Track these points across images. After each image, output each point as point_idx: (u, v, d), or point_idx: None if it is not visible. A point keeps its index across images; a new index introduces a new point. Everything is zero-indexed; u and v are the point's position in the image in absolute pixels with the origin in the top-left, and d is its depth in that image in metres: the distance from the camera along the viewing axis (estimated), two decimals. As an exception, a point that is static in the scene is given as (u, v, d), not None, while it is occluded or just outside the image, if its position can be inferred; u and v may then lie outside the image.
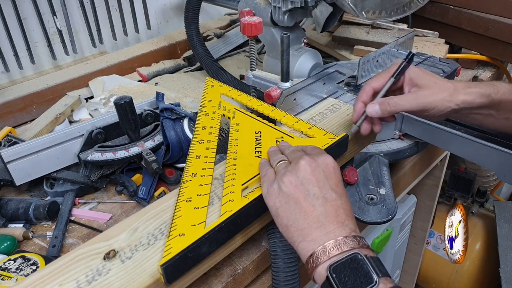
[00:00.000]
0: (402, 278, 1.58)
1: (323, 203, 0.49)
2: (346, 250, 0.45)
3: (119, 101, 0.73)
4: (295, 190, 0.50)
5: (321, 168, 0.52)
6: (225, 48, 1.34)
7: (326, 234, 0.47)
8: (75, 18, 1.19)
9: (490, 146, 0.68)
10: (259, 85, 0.92)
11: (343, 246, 0.45)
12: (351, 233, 0.47)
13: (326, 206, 0.49)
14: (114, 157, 0.75)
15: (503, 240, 1.51)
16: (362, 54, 1.15)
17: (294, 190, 0.50)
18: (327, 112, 0.75)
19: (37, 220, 0.71)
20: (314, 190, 0.50)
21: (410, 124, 0.79)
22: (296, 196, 0.50)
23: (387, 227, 1.16)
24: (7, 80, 1.12)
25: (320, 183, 0.50)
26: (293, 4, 0.94)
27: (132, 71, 1.21)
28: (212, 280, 0.58)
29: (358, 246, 0.45)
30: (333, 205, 0.49)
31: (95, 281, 0.45)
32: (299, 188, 0.50)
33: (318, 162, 0.52)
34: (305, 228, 0.48)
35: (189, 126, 0.80)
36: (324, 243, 0.46)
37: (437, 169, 1.24)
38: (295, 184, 0.50)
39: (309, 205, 0.49)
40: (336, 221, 0.48)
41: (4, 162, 0.71)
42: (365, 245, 0.46)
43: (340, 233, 0.47)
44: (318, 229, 0.47)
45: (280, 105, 0.78)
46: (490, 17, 1.18)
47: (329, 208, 0.49)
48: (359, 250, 0.45)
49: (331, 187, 0.51)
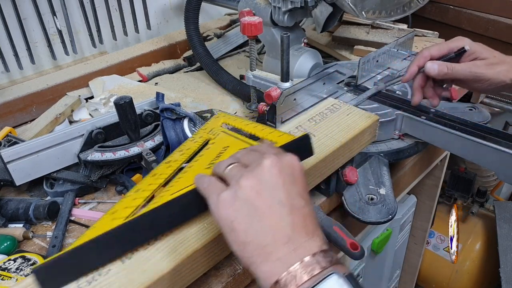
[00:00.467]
0: (402, 278, 1.58)
1: (290, 211, 0.40)
2: (319, 271, 0.37)
3: (119, 101, 0.73)
4: (258, 196, 0.41)
5: (289, 169, 0.43)
6: (225, 48, 1.34)
7: (294, 251, 0.39)
8: (75, 18, 1.19)
9: (490, 146, 0.68)
10: (259, 85, 0.93)
11: (316, 267, 0.38)
12: (322, 246, 0.40)
13: (293, 215, 0.40)
14: (114, 157, 0.75)
15: (503, 240, 1.52)
16: (362, 54, 1.15)
17: (256, 197, 0.41)
18: (327, 112, 0.75)
19: (37, 220, 0.71)
20: (281, 196, 0.41)
21: (410, 124, 0.79)
22: (258, 204, 0.40)
23: (387, 227, 1.16)
24: (7, 80, 1.12)
25: (288, 187, 0.42)
26: (293, 4, 0.94)
27: (132, 71, 1.21)
28: (212, 280, 0.58)
29: (331, 264, 0.38)
30: (301, 214, 0.41)
31: (95, 281, 0.45)
32: (263, 194, 0.41)
33: (284, 162, 0.43)
34: (269, 245, 0.39)
35: (189, 126, 0.80)
36: (293, 265, 0.38)
37: (437, 169, 1.23)
38: (257, 190, 0.41)
39: (275, 215, 0.40)
40: (305, 232, 0.40)
41: (4, 162, 0.71)
42: (338, 261, 0.40)
43: (310, 248, 0.39)
44: (286, 245, 0.39)
45: (280, 105, 0.78)
46: (490, 17, 1.19)
47: (297, 217, 0.41)
48: (335, 268, 0.38)
49: (299, 192, 0.42)
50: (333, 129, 0.69)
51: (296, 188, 0.42)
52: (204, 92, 1.12)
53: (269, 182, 0.41)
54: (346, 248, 0.62)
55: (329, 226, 0.65)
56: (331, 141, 0.66)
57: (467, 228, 1.76)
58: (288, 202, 0.41)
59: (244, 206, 0.41)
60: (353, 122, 0.71)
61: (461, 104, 0.94)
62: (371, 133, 0.73)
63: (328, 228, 0.65)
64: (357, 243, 0.62)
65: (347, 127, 0.70)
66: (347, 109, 0.75)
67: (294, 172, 0.43)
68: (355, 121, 0.71)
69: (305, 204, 0.42)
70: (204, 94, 1.10)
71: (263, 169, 0.42)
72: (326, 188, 0.72)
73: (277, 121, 0.79)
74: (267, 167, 0.42)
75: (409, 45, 1.03)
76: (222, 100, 1.08)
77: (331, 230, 0.64)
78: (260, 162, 0.42)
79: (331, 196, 0.73)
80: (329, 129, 0.69)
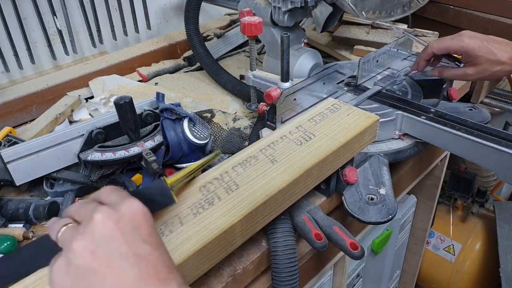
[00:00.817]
0: (402, 278, 1.58)
1: (136, 262, 0.37)
2: None
3: (119, 101, 0.73)
4: (93, 258, 0.36)
5: (127, 218, 0.39)
6: (225, 48, 1.34)
7: None
8: (75, 18, 1.19)
9: (490, 146, 0.68)
10: (259, 85, 0.93)
11: None
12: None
13: (140, 265, 0.37)
14: (114, 157, 0.75)
15: (503, 240, 1.52)
16: (362, 54, 1.15)
17: (92, 258, 0.36)
18: (327, 112, 0.74)
19: (37, 220, 0.71)
20: (121, 249, 0.37)
21: (410, 124, 0.79)
22: (95, 266, 0.36)
23: (387, 227, 1.16)
24: (7, 80, 1.12)
25: (128, 237, 0.38)
26: (293, 4, 0.94)
27: (132, 71, 1.21)
28: (212, 280, 0.58)
29: None
30: (150, 261, 0.38)
31: None
32: (98, 253, 0.37)
33: (121, 211, 0.39)
34: None
35: (189, 126, 0.80)
36: None
37: (437, 169, 1.24)
38: (90, 249, 0.37)
39: (117, 271, 0.36)
40: (157, 280, 0.37)
41: (4, 162, 0.71)
42: None
43: None
44: None
45: (280, 105, 0.78)
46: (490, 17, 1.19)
47: (145, 266, 0.37)
48: None
49: (143, 239, 0.39)
50: (333, 129, 0.69)
51: (139, 235, 0.39)
52: (204, 92, 1.12)
53: (104, 237, 0.37)
54: (346, 248, 0.62)
55: (329, 226, 0.65)
56: (331, 141, 0.66)
57: (467, 228, 1.76)
58: (131, 252, 0.37)
59: (79, 271, 0.36)
60: (353, 122, 0.71)
61: (461, 104, 0.94)
62: (371, 133, 0.73)
63: (328, 228, 0.65)
64: (357, 243, 0.62)
65: (347, 127, 0.70)
66: (347, 109, 0.75)
67: (134, 219, 0.39)
68: (356, 121, 0.71)
69: (151, 249, 0.39)
70: (204, 94, 1.10)
71: (94, 224, 0.38)
72: (326, 188, 0.72)
73: (277, 121, 0.79)
74: (99, 222, 0.38)
75: (409, 45, 1.03)
76: (222, 100, 1.08)
77: (331, 230, 0.64)
78: (91, 217, 0.38)
79: (331, 196, 0.73)
80: (329, 129, 0.69)
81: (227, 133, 0.89)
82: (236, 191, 0.57)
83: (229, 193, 0.57)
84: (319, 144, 0.65)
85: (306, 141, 0.66)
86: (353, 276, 1.11)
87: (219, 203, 0.55)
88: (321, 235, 0.63)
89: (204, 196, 0.57)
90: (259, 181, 0.59)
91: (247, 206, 0.55)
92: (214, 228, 0.52)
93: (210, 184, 0.58)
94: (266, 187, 0.58)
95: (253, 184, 0.58)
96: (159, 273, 0.38)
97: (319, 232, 0.63)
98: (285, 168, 0.61)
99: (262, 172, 0.60)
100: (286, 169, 0.61)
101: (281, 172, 0.60)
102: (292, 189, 0.60)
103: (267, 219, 0.59)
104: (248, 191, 0.57)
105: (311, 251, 0.73)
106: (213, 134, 0.88)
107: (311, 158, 0.62)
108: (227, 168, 0.61)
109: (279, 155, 0.63)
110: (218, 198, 0.56)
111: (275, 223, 0.63)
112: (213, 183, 0.59)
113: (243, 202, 0.55)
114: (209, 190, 0.57)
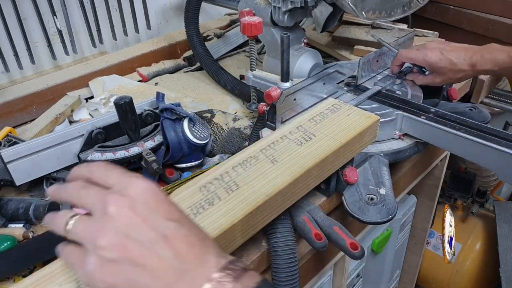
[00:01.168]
0: (402, 278, 1.58)
1: (166, 243, 0.36)
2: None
3: (119, 101, 0.73)
4: (125, 249, 0.36)
5: (140, 201, 0.38)
6: (225, 48, 1.34)
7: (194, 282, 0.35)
8: (75, 18, 1.19)
9: (490, 146, 0.68)
10: (259, 85, 0.93)
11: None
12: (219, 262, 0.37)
13: (171, 245, 0.36)
14: (114, 157, 0.75)
15: (503, 240, 1.52)
16: (362, 54, 1.15)
17: (125, 250, 0.36)
18: (327, 112, 0.74)
19: (37, 220, 0.71)
20: (149, 235, 0.36)
21: (410, 124, 0.79)
22: (131, 257, 0.35)
23: (387, 227, 1.16)
24: (7, 80, 1.12)
25: (150, 221, 0.37)
26: (293, 4, 0.94)
27: (132, 71, 1.21)
28: (212, 280, 0.58)
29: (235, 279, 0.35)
30: (180, 239, 0.37)
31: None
32: (129, 244, 0.36)
33: (132, 195, 0.38)
34: None
35: (189, 126, 0.80)
36: None
37: (437, 169, 1.23)
38: (120, 242, 0.36)
39: (152, 258, 0.35)
40: (194, 256, 0.36)
41: (4, 162, 0.71)
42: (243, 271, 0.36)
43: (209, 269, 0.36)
44: (181, 282, 0.35)
45: (280, 105, 0.78)
46: (490, 17, 1.19)
47: (177, 244, 0.36)
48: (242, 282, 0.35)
49: (164, 216, 0.38)
50: (333, 129, 0.69)
51: (160, 215, 0.38)
52: (204, 92, 1.12)
53: (127, 227, 0.36)
54: (346, 248, 0.62)
55: (329, 226, 0.65)
56: (331, 141, 0.66)
57: (467, 228, 1.76)
58: (158, 234, 0.36)
59: (117, 266, 0.35)
60: (353, 122, 0.70)
61: (461, 104, 0.94)
62: (371, 133, 0.73)
63: (328, 228, 0.65)
64: (357, 243, 0.62)
65: (347, 127, 0.69)
66: (348, 109, 0.75)
67: (147, 200, 0.38)
68: (356, 121, 0.71)
69: (176, 225, 0.37)
70: (204, 94, 1.10)
71: (112, 217, 0.37)
72: (326, 188, 0.72)
73: (277, 121, 0.79)
74: (115, 213, 0.37)
75: (409, 45, 1.03)
76: (222, 100, 1.08)
77: (331, 230, 0.64)
78: (105, 209, 0.37)
79: (331, 196, 0.73)
80: (329, 129, 0.69)
81: (227, 133, 0.89)
82: (237, 191, 0.57)
83: (229, 193, 0.57)
84: (319, 144, 0.65)
85: (306, 141, 0.66)
86: (353, 276, 1.11)
87: (219, 203, 0.55)
88: (321, 235, 0.63)
89: (204, 196, 0.57)
90: (259, 181, 0.59)
91: (248, 206, 0.55)
92: (214, 228, 0.52)
93: (210, 184, 0.58)
94: (267, 187, 0.58)
95: (254, 184, 0.58)
96: (193, 246, 0.37)
97: (319, 232, 0.63)
98: (286, 168, 0.61)
99: (262, 172, 0.60)
100: (287, 169, 0.60)
101: (282, 172, 0.60)
102: (292, 189, 0.60)
103: (267, 219, 0.59)
104: (249, 191, 0.57)
105: (311, 251, 0.73)
106: (213, 134, 0.88)
107: (311, 158, 0.62)
108: (227, 168, 0.61)
109: (279, 155, 0.63)
110: (218, 198, 0.56)
111: (275, 223, 0.63)
112: (213, 183, 0.59)
113: (243, 202, 0.55)
114: (209, 190, 0.57)
